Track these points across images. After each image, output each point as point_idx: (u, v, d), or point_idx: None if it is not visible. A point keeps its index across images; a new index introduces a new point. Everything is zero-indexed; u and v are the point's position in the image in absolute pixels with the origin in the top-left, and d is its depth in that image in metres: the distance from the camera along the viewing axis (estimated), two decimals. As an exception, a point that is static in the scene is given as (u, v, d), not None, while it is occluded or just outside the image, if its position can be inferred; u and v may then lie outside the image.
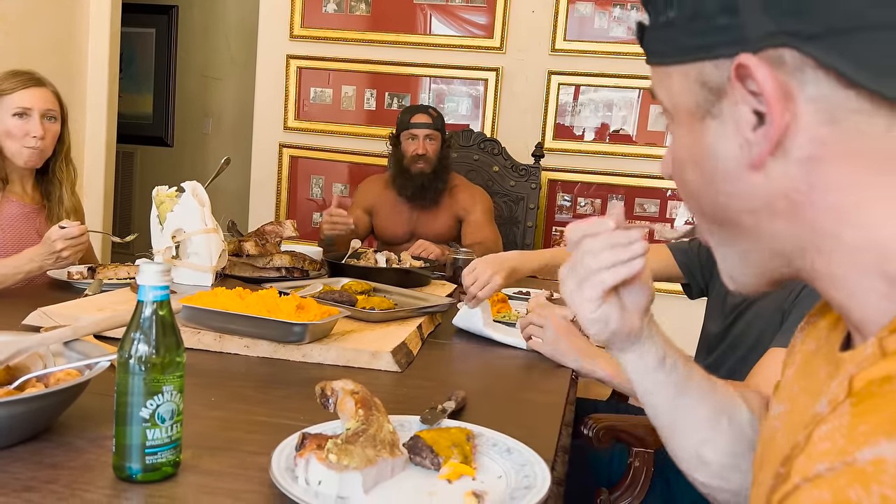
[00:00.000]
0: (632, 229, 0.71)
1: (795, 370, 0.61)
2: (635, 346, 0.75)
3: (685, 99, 0.53)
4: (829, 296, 0.51)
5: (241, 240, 1.89)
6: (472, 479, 0.80)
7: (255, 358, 1.25)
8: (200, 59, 5.06)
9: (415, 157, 2.51)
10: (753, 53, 0.47)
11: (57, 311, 1.34)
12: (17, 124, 1.81)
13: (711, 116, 0.52)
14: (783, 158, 0.49)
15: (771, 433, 0.58)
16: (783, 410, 0.58)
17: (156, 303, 0.74)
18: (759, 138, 0.49)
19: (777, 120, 0.47)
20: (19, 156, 1.83)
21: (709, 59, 0.50)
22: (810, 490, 0.39)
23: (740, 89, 0.49)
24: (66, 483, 0.74)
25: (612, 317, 0.71)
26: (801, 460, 0.42)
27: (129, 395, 0.73)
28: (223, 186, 2.57)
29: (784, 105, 0.47)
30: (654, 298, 0.75)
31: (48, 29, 3.21)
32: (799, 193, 0.49)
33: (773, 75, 0.47)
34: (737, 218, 0.53)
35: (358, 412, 0.81)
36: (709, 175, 0.54)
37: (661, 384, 0.75)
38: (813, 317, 0.63)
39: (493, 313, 1.65)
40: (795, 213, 0.50)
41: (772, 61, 0.47)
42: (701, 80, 0.51)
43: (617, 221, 0.70)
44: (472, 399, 1.07)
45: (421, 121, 2.54)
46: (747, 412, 0.77)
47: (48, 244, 1.65)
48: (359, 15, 3.48)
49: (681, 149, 0.56)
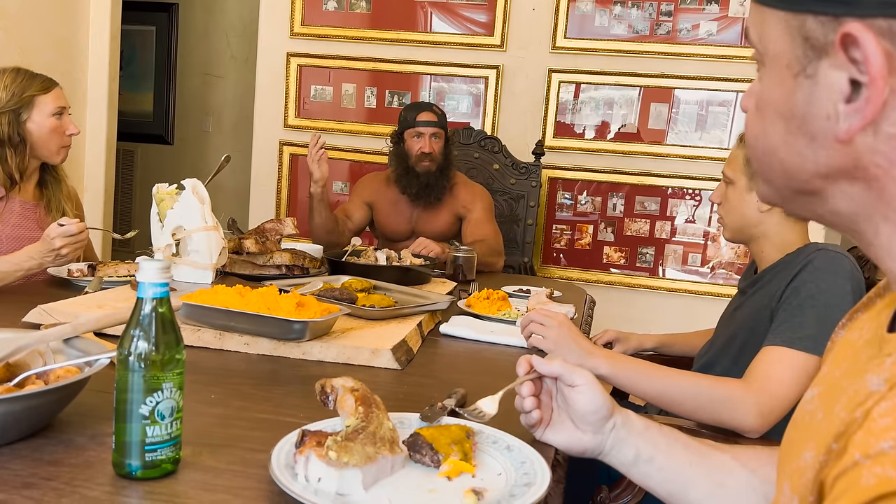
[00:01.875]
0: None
1: (834, 357, 0.61)
2: (603, 456, 0.83)
3: (782, 48, 0.51)
4: (886, 265, 0.51)
5: (241, 237, 1.89)
6: (472, 476, 0.80)
7: (256, 355, 1.25)
8: (201, 57, 5.05)
9: (421, 155, 2.49)
10: (862, 19, 0.46)
11: (57, 309, 1.34)
12: (57, 124, 1.89)
13: (805, 76, 0.50)
14: (872, 132, 0.47)
15: (806, 416, 0.58)
16: (817, 392, 0.58)
17: (155, 300, 0.74)
18: (850, 111, 0.47)
19: (876, 97, 0.46)
20: (57, 154, 1.92)
21: (813, 14, 0.48)
22: (872, 467, 0.39)
23: (842, 56, 0.47)
24: (66, 480, 0.74)
25: (555, 443, 0.85)
26: (859, 436, 0.41)
27: (129, 392, 0.73)
28: (223, 184, 2.58)
29: (886, 80, 0.45)
30: (609, 413, 0.82)
31: (49, 26, 3.21)
32: (879, 168, 0.48)
33: (882, 48, 0.45)
34: (809, 179, 0.53)
35: (358, 409, 0.81)
36: (792, 133, 0.52)
37: (644, 474, 0.82)
38: (855, 312, 0.63)
39: (493, 311, 1.65)
40: (871, 184, 0.49)
41: (881, 32, 0.45)
42: (803, 35, 0.49)
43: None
44: (472, 397, 1.07)
45: (427, 119, 2.52)
46: (744, 473, 0.79)
47: (47, 242, 1.65)
48: (359, 13, 3.48)
49: (769, 98, 0.54)
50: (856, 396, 0.47)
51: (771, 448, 0.81)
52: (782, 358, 1.29)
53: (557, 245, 3.40)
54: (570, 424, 0.84)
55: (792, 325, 1.32)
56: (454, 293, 1.87)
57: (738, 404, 1.25)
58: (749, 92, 0.59)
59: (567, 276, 3.35)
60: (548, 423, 0.86)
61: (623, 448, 0.82)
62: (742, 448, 0.82)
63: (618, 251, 3.35)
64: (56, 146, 1.90)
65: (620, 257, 3.35)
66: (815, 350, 1.29)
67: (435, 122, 2.52)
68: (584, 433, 0.82)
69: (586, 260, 3.39)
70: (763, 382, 1.27)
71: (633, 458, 0.82)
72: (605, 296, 3.17)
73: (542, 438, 0.86)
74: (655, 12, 3.19)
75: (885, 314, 0.55)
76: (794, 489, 0.52)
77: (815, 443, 0.50)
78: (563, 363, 0.83)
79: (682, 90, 3.21)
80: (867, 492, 0.38)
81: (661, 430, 0.83)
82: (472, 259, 2.14)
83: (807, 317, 1.31)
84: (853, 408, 0.45)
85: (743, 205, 1.52)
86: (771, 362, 1.30)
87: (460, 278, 2.10)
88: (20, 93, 1.84)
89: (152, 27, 5.06)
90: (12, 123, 1.83)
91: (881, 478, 0.38)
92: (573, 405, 0.82)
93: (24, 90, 1.85)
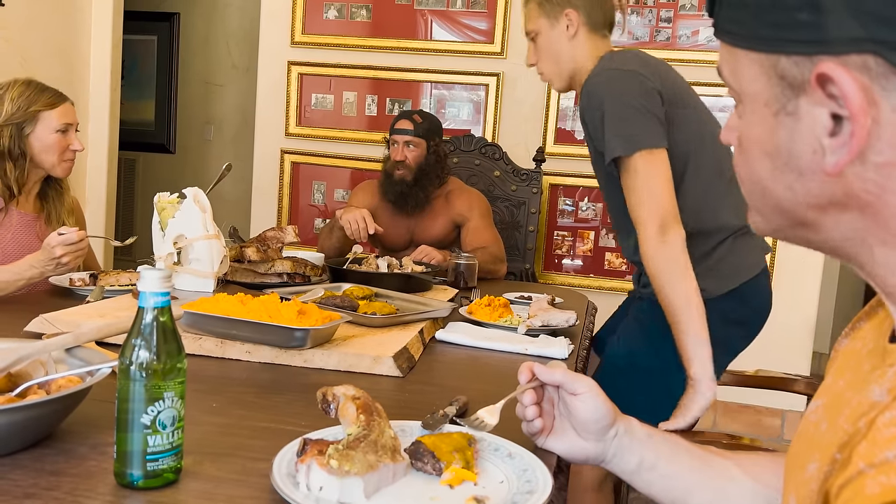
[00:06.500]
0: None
1: (836, 368, 0.61)
2: (605, 463, 0.83)
3: (758, 88, 0.52)
4: (888, 283, 0.51)
5: (242, 245, 1.89)
6: (474, 484, 0.80)
7: (257, 363, 1.25)
8: (202, 66, 5.07)
9: (394, 163, 2.50)
10: (836, 56, 0.46)
11: (59, 318, 1.34)
12: (59, 139, 1.89)
13: (786, 113, 0.50)
14: (860, 163, 0.48)
15: (811, 427, 0.58)
16: (821, 404, 0.58)
17: (157, 309, 0.74)
18: (836, 146, 0.48)
19: (860, 131, 0.46)
20: (60, 168, 1.92)
21: (784, 55, 0.49)
22: (877, 476, 0.39)
23: (819, 93, 0.47)
24: (68, 490, 0.73)
25: (557, 450, 0.85)
26: (864, 446, 0.42)
27: (131, 401, 0.73)
28: (224, 192, 2.58)
29: (867, 114, 0.46)
30: (611, 421, 0.82)
31: (50, 36, 3.22)
32: (870, 194, 0.48)
33: (860, 83, 0.45)
34: (802, 212, 0.53)
35: (359, 417, 0.80)
36: (779, 170, 0.52)
37: (646, 482, 0.82)
38: (858, 321, 0.63)
39: (495, 318, 1.64)
40: (864, 210, 0.49)
41: (856, 67, 0.45)
42: (779, 74, 0.50)
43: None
44: (474, 404, 1.07)
45: (402, 127, 2.51)
46: (746, 480, 0.79)
47: (48, 251, 1.65)
48: (360, 21, 3.49)
49: (751, 136, 0.54)
50: (859, 407, 0.47)
51: (773, 455, 0.81)
52: (638, 167, 1.41)
53: (559, 251, 3.40)
54: (573, 432, 0.84)
55: (618, 132, 1.43)
56: (455, 300, 1.87)
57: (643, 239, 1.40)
58: (729, 126, 0.59)
59: (568, 282, 3.34)
60: (550, 430, 0.85)
61: (625, 456, 0.82)
62: (744, 455, 0.82)
63: (619, 257, 3.35)
64: (57, 161, 1.90)
65: (622, 263, 3.35)
66: (657, 143, 1.42)
67: (410, 130, 2.50)
68: (587, 441, 0.82)
69: (588, 266, 3.39)
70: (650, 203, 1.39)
71: (636, 465, 0.81)
72: (607, 302, 3.17)
73: (544, 446, 0.86)
74: (655, 19, 3.20)
75: (887, 324, 0.55)
76: (799, 501, 0.52)
77: (820, 454, 0.50)
78: (566, 371, 0.83)
79: (683, 96, 3.21)
80: (872, 500, 0.38)
81: (664, 437, 0.83)
82: (473, 266, 2.14)
83: (624, 123, 1.43)
84: (857, 418, 0.45)
85: (552, 43, 1.60)
86: (636, 174, 1.41)
87: (461, 285, 2.11)
88: (26, 107, 1.84)
89: (154, 36, 5.08)
90: (14, 137, 1.83)
91: (886, 486, 0.38)
92: (576, 413, 0.82)
93: (29, 104, 1.85)
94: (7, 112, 1.83)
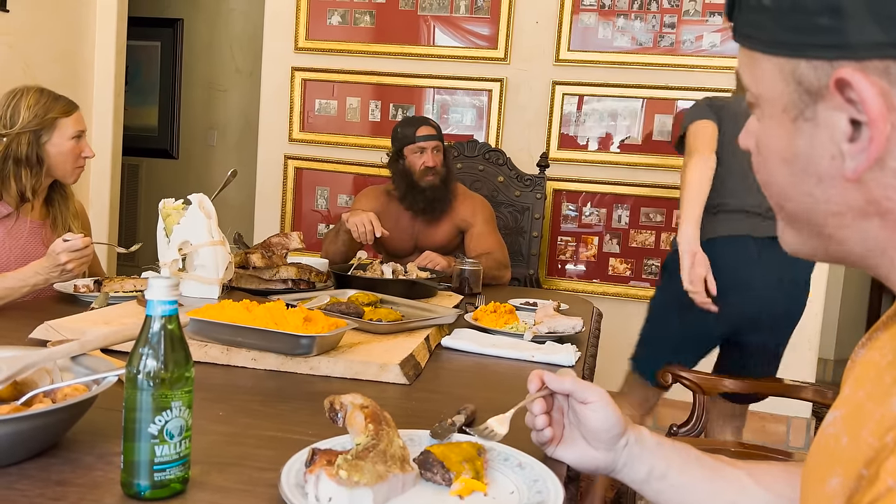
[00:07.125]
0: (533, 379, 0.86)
1: (856, 377, 0.60)
2: (616, 473, 0.83)
3: (777, 93, 0.51)
4: None
5: (247, 252, 1.89)
6: (484, 494, 0.79)
7: (263, 371, 1.24)
8: (205, 72, 5.08)
9: (425, 170, 2.48)
10: (856, 61, 0.45)
11: (64, 325, 1.34)
12: (75, 146, 1.91)
13: (804, 119, 0.50)
14: (879, 168, 0.47)
15: (830, 440, 0.57)
16: (840, 415, 0.57)
17: (164, 317, 0.74)
18: (855, 151, 0.47)
19: (879, 136, 0.46)
20: (72, 175, 1.95)
21: (804, 59, 0.48)
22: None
23: (838, 98, 0.47)
24: (74, 500, 0.73)
25: (567, 459, 0.84)
26: (892, 462, 0.41)
27: (138, 410, 0.72)
28: (228, 198, 2.58)
29: (886, 119, 0.45)
30: (622, 431, 0.81)
31: (54, 42, 3.23)
32: (891, 200, 0.48)
33: (879, 88, 0.45)
34: (822, 220, 0.52)
35: (368, 427, 0.80)
36: (798, 175, 0.52)
37: (656, 491, 0.81)
38: (875, 331, 0.62)
39: (501, 325, 1.64)
40: (884, 218, 0.49)
41: (875, 72, 0.45)
42: (797, 79, 0.49)
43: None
44: (482, 412, 1.06)
45: (426, 133, 2.51)
46: (758, 490, 0.78)
47: (52, 257, 1.65)
48: (363, 27, 3.49)
49: (769, 143, 0.54)
50: (884, 421, 0.46)
51: (786, 465, 0.80)
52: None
53: (562, 257, 3.40)
54: (583, 441, 0.83)
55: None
56: (460, 306, 1.86)
57: None
58: (748, 130, 0.58)
59: (573, 287, 3.34)
60: (559, 440, 0.85)
61: (636, 465, 0.81)
62: (756, 464, 0.81)
63: (623, 262, 3.34)
64: (71, 168, 1.92)
65: (626, 269, 3.34)
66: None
67: (434, 135, 2.52)
68: (597, 450, 0.81)
69: (591, 271, 3.38)
70: None
71: (646, 474, 0.81)
72: (611, 308, 3.16)
73: (554, 455, 0.85)
74: (659, 24, 3.20)
75: None
76: None
77: (843, 468, 0.49)
78: (576, 380, 0.82)
79: (686, 101, 3.20)
80: None
81: (675, 446, 0.82)
82: (478, 272, 2.14)
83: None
84: (883, 433, 0.44)
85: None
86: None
87: (466, 291, 2.10)
88: (42, 114, 1.85)
89: (157, 42, 5.09)
90: (32, 144, 1.84)
91: None
92: (586, 423, 0.81)
93: (46, 112, 1.86)
94: (24, 119, 1.83)
